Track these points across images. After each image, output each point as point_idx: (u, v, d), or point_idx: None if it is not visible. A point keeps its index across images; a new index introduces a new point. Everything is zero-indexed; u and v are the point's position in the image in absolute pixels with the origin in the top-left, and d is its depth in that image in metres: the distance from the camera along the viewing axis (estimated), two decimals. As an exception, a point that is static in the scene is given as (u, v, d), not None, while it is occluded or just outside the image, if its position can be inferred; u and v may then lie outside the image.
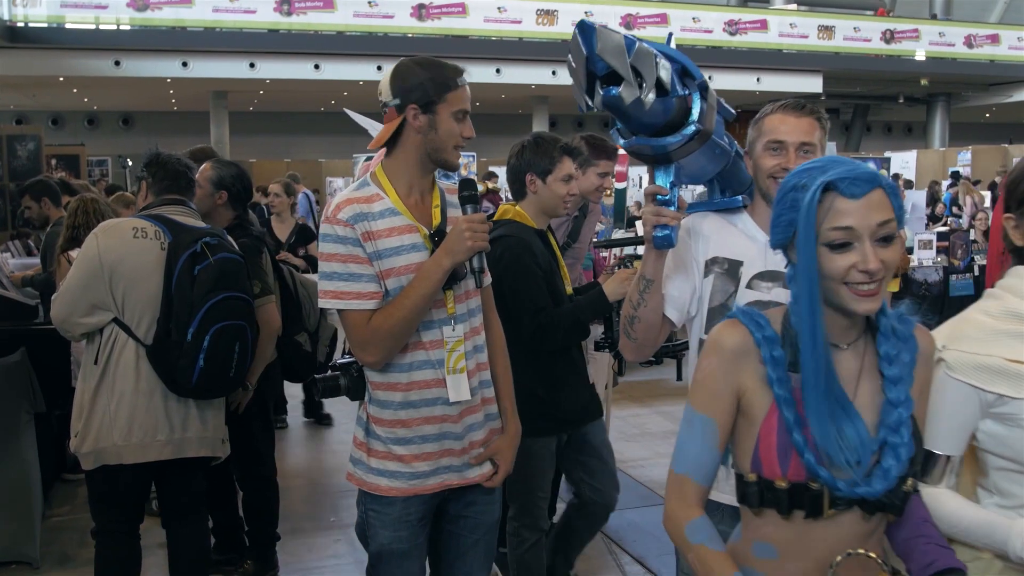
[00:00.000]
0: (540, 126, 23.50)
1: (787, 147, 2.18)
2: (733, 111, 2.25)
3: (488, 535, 2.53)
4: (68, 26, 17.47)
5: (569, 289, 3.45)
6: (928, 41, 23.74)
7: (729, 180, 2.34)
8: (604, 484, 3.52)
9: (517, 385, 2.66)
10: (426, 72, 2.34)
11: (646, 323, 2.22)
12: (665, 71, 1.80)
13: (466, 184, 2.36)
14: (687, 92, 1.91)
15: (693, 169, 2.16)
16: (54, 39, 17.29)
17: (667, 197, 2.06)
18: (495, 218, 3.40)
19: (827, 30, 22.77)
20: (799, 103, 2.26)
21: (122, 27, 17.78)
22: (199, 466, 3.34)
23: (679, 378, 6.66)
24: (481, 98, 22.33)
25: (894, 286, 9.26)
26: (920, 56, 23.51)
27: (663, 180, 2.06)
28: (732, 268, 2.27)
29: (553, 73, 20.25)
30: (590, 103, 1.82)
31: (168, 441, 3.15)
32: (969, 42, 24.23)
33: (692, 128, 1.92)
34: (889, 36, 23.32)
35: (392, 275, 2.31)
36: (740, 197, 2.32)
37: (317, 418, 6.72)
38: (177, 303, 3.09)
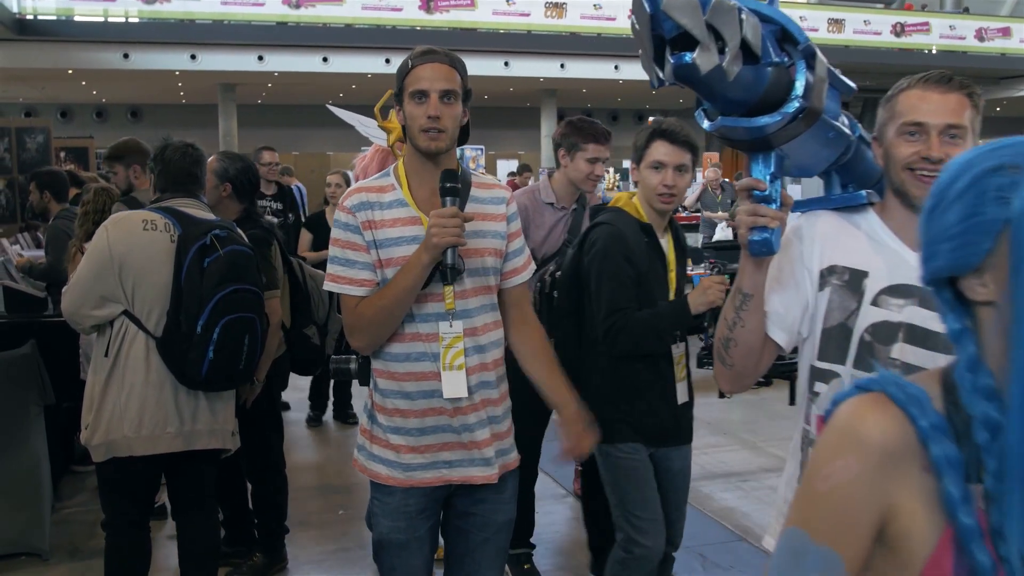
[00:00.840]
0: (548, 119, 23.44)
1: (928, 130, 1.77)
2: (853, 85, 1.85)
3: (498, 535, 2.51)
4: (77, 19, 17.49)
5: (672, 296, 3.06)
6: (939, 34, 23.62)
7: (851, 172, 1.94)
8: (653, 525, 3.03)
9: (596, 389, 2.62)
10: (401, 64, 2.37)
11: (744, 347, 1.86)
12: (754, 31, 1.42)
13: (446, 175, 2.26)
14: (787, 60, 1.54)
15: (802, 158, 1.76)
16: (63, 32, 17.31)
17: (766, 192, 1.68)
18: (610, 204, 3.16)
19: (837, 23, 22.67)
20: (944, 75, 1.87)
21: (131, 20, 17.79)
22: (209, 459, 3.34)
23: (792, 402, 5.46)
24: (489, 91, 22.30)
25: None
26: (931, 50, 23.39)
27: (761, 172, 1.69)
28: (854, 280, 1.85)
29: (562, 66, 20.21)
30: (661, 76, 1.43)
31: (178, 433, 3.15)
32: (980, 35, 24.09)
33: (795, 105, 1.54)
34: (900, 29, 23.21)
35: (392, 264, 2.33)
36: (864, 192, 1.90)
37: (343, 418, 6.64)
38: (187, 295, 3.09)
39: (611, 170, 17.38)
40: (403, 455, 2.38)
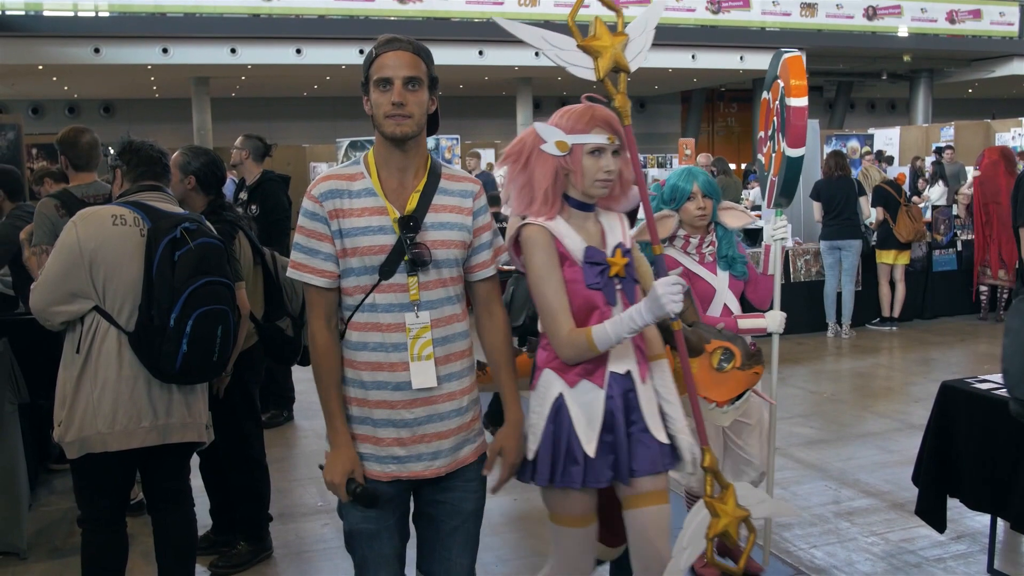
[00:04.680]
0: (524, 108, 23.44)
1: None
2: None
3: (468, 522, 2.51)
4: (46, 13, 17.32)
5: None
6: (910, 17, 23.75)
7: None
8: None
9: None
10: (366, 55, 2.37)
11: None
12: None
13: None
14: None
15: None
16: (32, 27, 17.14)
17: None
18: None
19: (809, 7, 22.75)
20: None
21: (100, 14, 17.64)
22: (184, 452, 3.34)
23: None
24: (464, 80, 22.27)
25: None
26: (903, 32, 23.52)
27: None
28: None
29: (536, 54, 20.08)
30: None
31: (152, 427, 3.14)
32: (951, 18, 24.25)
33: None
34: (872, 13, 23.32)
35: (357, 254, 2.34)
36: None
37: None
38: (158, 289, 3.07)
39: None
40: (357, 444, 2.39)
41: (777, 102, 3.66)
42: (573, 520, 2.57)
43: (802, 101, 3.49)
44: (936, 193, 13.32)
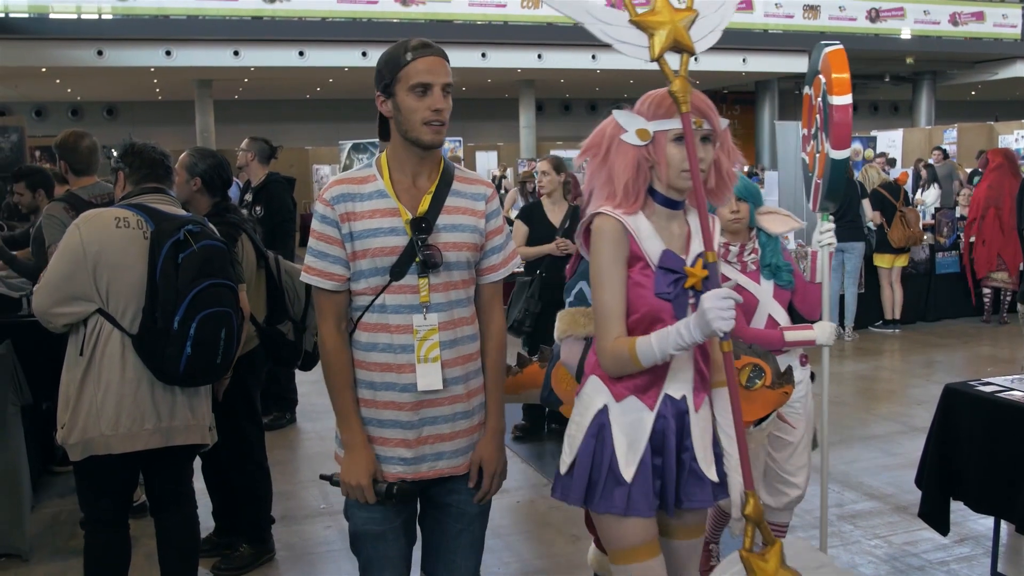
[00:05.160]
0: (527, 110, 23.45)
1: None
2: None
3: (473, 525, 2.50)
4: (51, 16, 17.35)
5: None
6: (913, 19, 23.76)
7: None
8: None
9: None
10: (385, 56, 2.35)
11: None
12: None
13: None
14: None
15: None
16: (36, 29, 17.19)
17: None
18: None
19: (812, 9, 22.76)
20: None
21: (104, 16, 17.68)
22: (187, 454, 3.34)
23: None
24: (467, 83, 22.26)
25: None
26: (905, 34, 23.52)
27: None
28: None
29: (539, 56, 20.20)
30: None
31: (156, 430, 3.14)
32: (954, 20, 24.25)
33: None
34: (874, 15, 23.33)
35: (367, 256, 2.33)
36: None
37: None
38: (162, 292, 3.07)
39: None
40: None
41: (819, 98, 3.44)
42: (635, 552, 2.28)
43: (846, 99, 3.27)
44: (931, 196, 13.33)
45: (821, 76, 3.40)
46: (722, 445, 2.38)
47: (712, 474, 2.34)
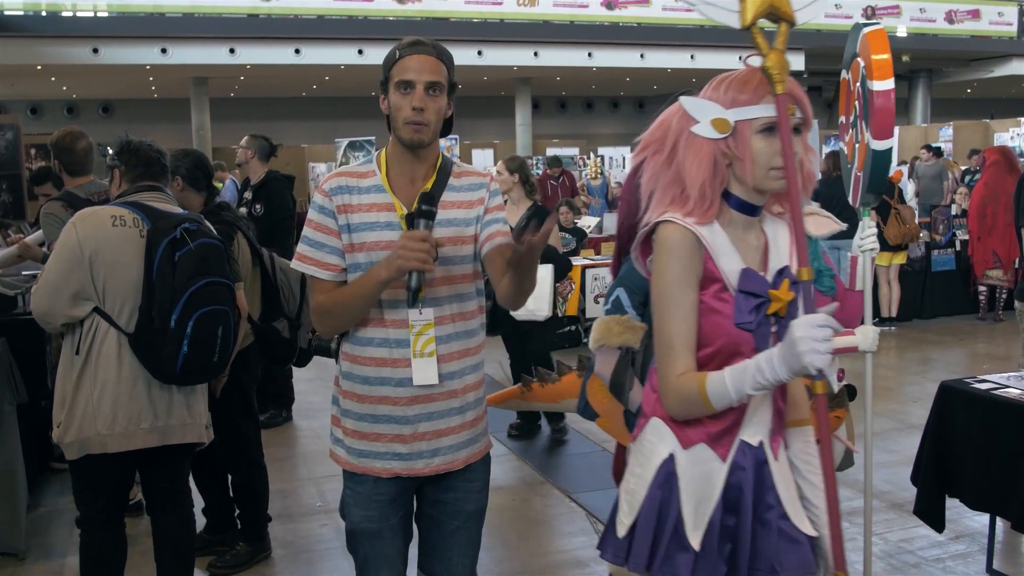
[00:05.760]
0: (523, 108, 23.44)
1: None
2: None
3: (469, 523, 2.50)
4: (45, 13, 17.31)
5: None
6: (909, 17, 23.78)
7: None
8: None
9: None
10: (386, 54, 2.36)
11: None
12: None
13: (424, 198, 2.26)
14: None
15: None
16: (31, 27, 17.14)
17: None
18: None
19: (809, 7, 22.75)
20: None
21: (99, 14, 17.64)
22: (183, 453, 3.33)
23: None
24: (463, 81, 22.20)
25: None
26: (901, 32, 23.53)
27: None
28: None
29: (535, 54, 20.18)
30: None
31: (152, 429, 3.14)
32: (950, 17, 24.27)
33: None
34: (870, 13, 23.32)
35: (364, 249, 2.34)
36: None
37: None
38: (159, 290, 3.07)
39: (591, 155, 17.37)
40: (357, 440, 2.40)
41: (858, 84, 3.12)
42: None
43: (888, 83, 2.92)
44: (908, 193, 13.49)
45: (859, 59, 3.07)
46: (803, 493, 2.02)
47: (807, 527, 1.97)
